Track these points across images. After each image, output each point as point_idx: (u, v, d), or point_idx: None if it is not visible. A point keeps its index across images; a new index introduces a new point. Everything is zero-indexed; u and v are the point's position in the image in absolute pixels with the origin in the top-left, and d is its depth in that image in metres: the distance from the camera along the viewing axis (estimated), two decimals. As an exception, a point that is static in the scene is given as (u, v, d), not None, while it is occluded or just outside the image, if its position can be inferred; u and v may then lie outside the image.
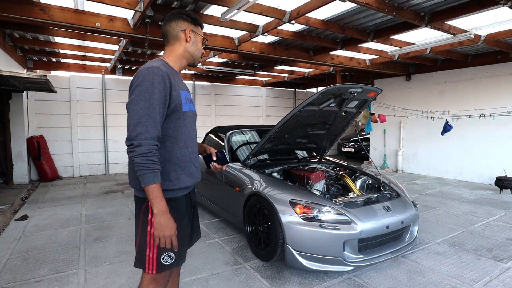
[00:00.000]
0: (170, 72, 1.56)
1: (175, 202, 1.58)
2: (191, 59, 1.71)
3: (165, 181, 1.55)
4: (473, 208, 5.07)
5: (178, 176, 1.58)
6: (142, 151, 1.40)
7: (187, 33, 1.65)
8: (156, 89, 1.45)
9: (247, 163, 3.83)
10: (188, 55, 1.69)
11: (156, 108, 1.44)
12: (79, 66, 7.94)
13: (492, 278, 2.82)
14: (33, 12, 3.81)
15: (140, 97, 1.44)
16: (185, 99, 1.61)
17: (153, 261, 1.55)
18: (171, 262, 1.57)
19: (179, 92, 1.56)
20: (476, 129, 7.15)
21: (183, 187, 1.60)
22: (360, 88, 3.26)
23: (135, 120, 1.42)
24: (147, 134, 1.41)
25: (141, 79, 1.46)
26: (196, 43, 1.69)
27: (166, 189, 1.55)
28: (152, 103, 1.43)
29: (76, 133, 8.17)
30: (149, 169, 1.41)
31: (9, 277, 2.84)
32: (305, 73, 9.05)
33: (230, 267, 3.04)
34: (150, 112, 1.43)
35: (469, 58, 6.98)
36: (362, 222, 2.77)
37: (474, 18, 4.52)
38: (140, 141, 1.40)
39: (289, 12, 4.10)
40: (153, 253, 1.55)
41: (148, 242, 1.55)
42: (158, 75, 1.47)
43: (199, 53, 1.72)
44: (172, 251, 1.57)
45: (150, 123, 1.42)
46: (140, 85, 1.45)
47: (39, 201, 5.57)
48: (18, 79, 5.22)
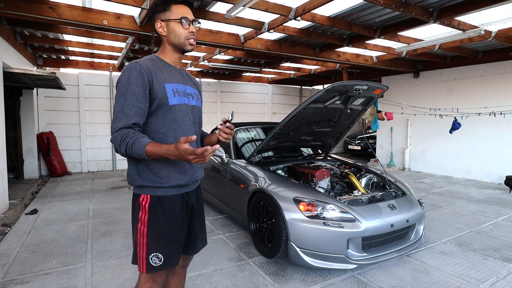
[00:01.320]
0: (156, 66, 1.52)
1: (166, 201, 1.52)
2: (178, 48, 1.60)
3: (155, 178, 1.49)
4: (481, 207, 5.00)
5: (168, 173, 1.51)
6: (118, 141, 1.37)
7: (157, 27, 1.57)
8: (132, 84, 1.42)
9: (251, 160, 3.84)
10: (173, 46, 1.60)
11: (131, 102, 1.41)
12: (87, 63, 8.04)
13: (499, 279, 2.78)
14: (42, 10, 3.87)
15: (118, 93, 1.45)
16: (173, 92, 1.53)
17: (143, 261, 1.51)
18: (159, 264, 1.51)
19: (163, 86, 1.50)
20: (486, 127, 7.04)
21: (175, 185, 1.53)
22: (365, 85, 3.23)
23: (113, 118, 1.43)
24: (119, 126, 1.39)
25: (120, 76, 1.47)
26: (173, 31, 1.55)
27: (156, 186, 1.50)
28: (127, 97, 1.41)
29: (84, 129, 8.29)
30: (133, 144, 1.35)
31: (19, 269, 2.92)
32: (311, 70, 9.00)
33: (234, 263, 3.06)
34: (124, 107, 1.41)
35: (479, 55, 6.85)
36: (367, 220, 2.76)
37: (484, 14, 4.43)
38: (115, 136, 1.39)
39: (294, 8, 4.07)
40: (143, 252, 1.51)
41: (138, 240, 1.52)
42: (134, 69, 1.44)
43: (180, 38, 1.55)
44: (161, 253, 1.51)
45: (123, 116, 1.40)
46: (119, 82, 1.46)
47: (49, 196, 5.68)
48: (29, 76, 5.33)
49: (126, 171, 1.60)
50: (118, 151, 1.40)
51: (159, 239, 1.52)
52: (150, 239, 1.51)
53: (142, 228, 1.50)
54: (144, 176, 1.50)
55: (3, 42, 4.91)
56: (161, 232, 1.52)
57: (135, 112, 1.41)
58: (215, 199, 4.41)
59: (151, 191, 1.51)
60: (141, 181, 1.50)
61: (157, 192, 1.51)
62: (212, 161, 4.36)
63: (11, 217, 4.44)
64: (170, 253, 1.55)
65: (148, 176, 1.50)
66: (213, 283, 2.70)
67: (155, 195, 1.51)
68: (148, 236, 1.50)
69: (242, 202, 3.57)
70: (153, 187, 1.50)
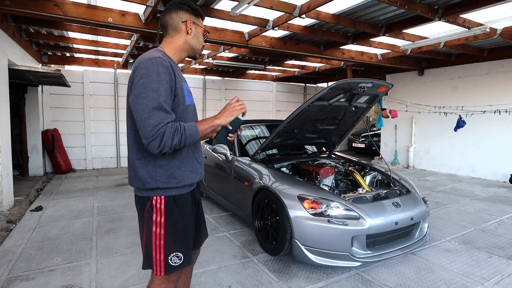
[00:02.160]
0: (172, 63, 1.50)
1: (181, 200, 1.53)
2: (191, 51, 1.62)
3: (170, 179, 1.48)
4: (486, 205, 4.97)
5: (182, 173, 1.51)
6: (171, 134, 1.33)
7: (188, 24, 1.56)
8: (164, 80, 1.36)
9: (256, 158, 3.85)
10: (189, 48, 1.60)
11: (167, 100, 1.37)
12: (92, 60, 8.07)
13: (504, 277, 2.77)
14: (47, 8, 3.88)
15: (148, 89, 1.33)
16: (188, 91, 1.56)
17: (160, 263, 1.49)
18: (179, 263, 1.52)
19: (181, 85, 1.50)
20: (491, 125, 6.99)
21: (188, 184, 1.54)
22: (370, 83, 3.22)
23: (147, 114, 1.31)
24: (165, 121, 1.33)
25: (144, 71, 1.36)
26: (197, 36, 1.61)
27: (172, 186, 1.49)
28: (162, 94, 1.34)
29: (89, 126, 8.32)
30: (185, 129, 1.38)
31: (24, 266, 2.94)
32: (316, 68, 8.97)
33: (238, 261, 3.07)
34: (161, 103, 1.33)
35: (485, 52, 6.80)
36: (371, 218, 2.76)
37: (490, 11, 4.39)
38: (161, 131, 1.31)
39: (299, 6, 4.06)
40: (160, 254, 1.49)
41: (154, 243, 1.49)
42: (162, 65, 1.38)
43: (200, 45, 1.63)
44: (181, 251, 1.52)
45: (163, 112, 1.33)
46: (144, 76, 1.35)
47: (53, 193, 5.71)
48: (34, 73, 5.35)
49: (128, 174, 1.55)
50: (168, 146, 1.33)
51: (178, 238, 1.52)
52: (168, 240, 1.49)
53: (158, 231, 1.47)
54: (158, 178, 1.46)
55: (9, 40, 4.93)
56: (179, 231, 1.52)
57: (171, 109, 1.40)
58: (219, 197, 4.42)
59: (165, 192, 1.49)
60: (156, 183, 1.46)
61: (171, 192, 1.50)
62: (217, 159, 4.37)
63: (16, 214, 4.48)
64: (188, 250, 1.56)
65: (162, 178, 1.47)
66: (217, 280, 2.72)
67: (169, 195, 1.49)
68: (166, 238, 1.49)
69: (246, 200, 3.58)
70: (168, 188, 1.48)
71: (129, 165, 1.53)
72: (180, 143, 1.37)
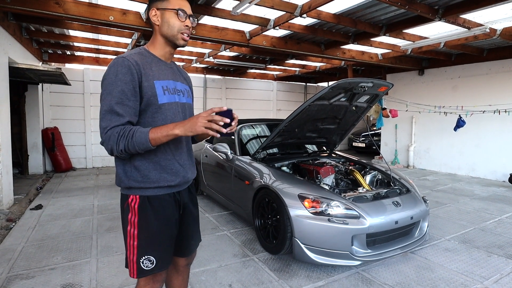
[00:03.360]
0: (145, 62, 1.43)
1: (156, 201, 1.45)
2: (169, 41, 1.49)
3: (144, 179, 1.42)
4: (485, 205, 4.99)
5: (158, 174, 1.44)
6: (115, 138, 1.29)
7: (151, 16, 1.46)
8: (120, 81, 1.32)
9: (256, 157, 3.85)
10: (164, 38, 1.48)
11: (121, 100, 1.32)
12: (92, 59, 8.06)
13: (503, 276, 2.79)
14: (48, 6, 3.88)
15: (105, 91, 1.34)
16: (162, 89, 1.44)
17: (133, 265, 1.44)
18: (151, 267, 1.44)
19: (152, 83, 1.41)
20: (490, 125, 7.00)
21: (165, 185, 1.46)
22: (370, 83, 3.22)
23: (101, 116, 1.33)
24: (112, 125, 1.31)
25: (106, 72, 1.35)
26: (167, 21, 1.44)
27: (146, 186, 1.43)
28: (115, 95, 1.32)
29: (89, 125, 8.32)
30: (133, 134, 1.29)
31: (24, 264, 2.94)
32: (317, 67, 8.98)
33: (238, 259, 3.08)
34: (114, 106, 1.31)
35: (484, 53, 6.81)
36: (371, 217, 2.77)
37: (489, 12, 4.40)
38: (108, 135, 1.30)
39: (300, 5, 4.06)
40: (133, 255, 1.43)
41: (128, 243, 1.44)
42: (122, 65, 1.34)
43: (173, 29, 1.45)
44: (153, 255, 1.44)
45: (114, 116, 1.31)
46: (105, 78, 1.35)
47: (53, 191, 5.72)
48: (34, 71, 5.35)
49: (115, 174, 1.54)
50: (114, 150, 1.30)
51: (150, 241, 1.45)
52: (141, 242, 1.43)
53: (132, 231, 1.43)
54: (131, 177, 1.42)
55: (9, 37, 4.93)
56: (152, 234, 1.45)
57: (126, 112, 1.33)
58: (219, 196, 4.43)
59: (140, 192, 1.43)
60: (128, 182, 1.43)
61: (146, 192, 1.44)
62: (217, 157, 4.37)
63: (16, 212, 4.48)
64: (163, 254, 1.48)
65: (136, 177, 1.42)
66: (217, 279, 2.72)
67: (144, 195, 1.43)
68: (139, 239, 1.43)
69: (247, 199, 3.58)
70: (142, 188, 1.43)
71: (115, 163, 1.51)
72: (128, 148, 1.29)
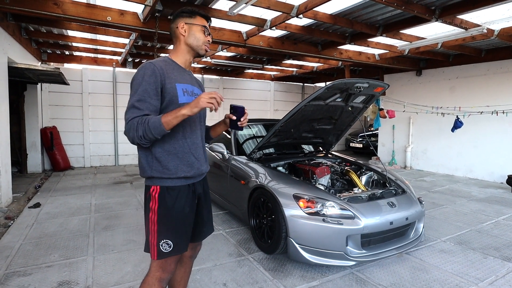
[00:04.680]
0: (168, 67, 1.65)
1: (174, 191, 1.63)
2: (192, 51, 1.75)
3: (164, 170, 1.61)
4: (482, 206, 5.00)
5: (176, 166, 1.63)
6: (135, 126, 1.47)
7: (180, 28, 1.71)
8: (145, 82, 1.53)
9: (252, 157, 3.86)
10: (189, 48, 1.74)
11: (143, 98, 1.52)
12: (91, 59, 8.07)
13: (498, 277, 2.79)
14: (47, 6, 3.90)
15: (132, 91, 1.55)
16: (182, 91, 1.66)
17: (154, 247, 1.62)
18: (169, 250, 1.62)
19: (174, 85, 1.62)
20: (488, 126, 7.01)
21: (181, 176, 1.64)
22: (366, 83, 3.23)
23: (125, 111, 1.54)
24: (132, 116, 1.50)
25: (135, 75, 1.58)
26: (194, 34, 1.72)
27: (165, 177, 1.61)
28: (138, 94, 1.52)
29: (87, 124, 8.34)
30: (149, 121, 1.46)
31: (22, 262, 2.96)
32: (314, 68, 9.00)
33: (233, 259, 3.09)
34: (136, 102, 1.51)
35: (482, 53, 6.82)
36: (366, 217, 2.78)
37: (487, 12, 4.41)
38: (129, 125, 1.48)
39: (297, 6, 4.08)
40: (154, 239, 1.62)
41: (150, 228, 1.63)
42: (148, 69, 1.56)
43: (199, 41, 1.73)
44: (170, 239, 1.62)
45: (135, 110, 1.51)
46: (134, 80, 1.57)
47: (52, 190, 5.73)
48: (33, 71, 5.36)
49: (138, 164, 1.71)
50: (135, 137, 1.48)
51: (168, 227, 1.62)
52: (160, 227, 1.61)
53: (153, 217, 1.62)
54: (153, 168, 1.61)
55: (8, 38, 4.94)
56: (170, 220, 1.63)
57: (146, 107, 1.52)
58: (216, 195, 4.44)
59: (160, 182, 1.62)
60: (151, 172, 1.61)
61: (166, 183, 1.62)
62: (213, 157, 4.39)
63: (15, 210, 4.50)
64: (179, 239, 1.66)
65: (157, 168, 1.61)
66: (212, 277, 2.74)
67: (164, 185, 1.62)
68: (158, 224, 1.61)
69: (242, 198, 3.60)
70: (162, 178, 1.61)
71: (139, 155, 1.68)
72: (146, 134, 1.46)
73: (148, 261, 3.01)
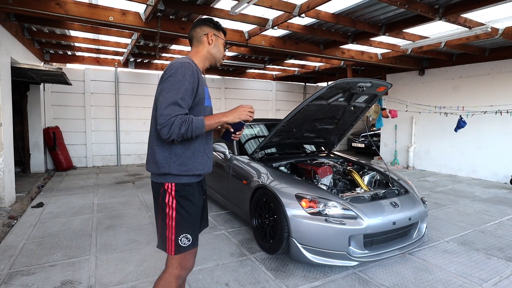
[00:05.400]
0: (198, 70, 1.73)
1: (190, 187, 1.70)
2: (213, 60, 1.87)
3: (181, 167, 1.66)
4: (486, 206, 4.97)
5: (192, 163, 1.69)
6: (179, 123, 1.52)
7: (209, 36, 1.82)
8: (186, 81, 1.59)
9: (254, 157, 3.86)
10: (211, 57, 1.85)
11: (185, 97, 1.58)
12: (93, 59, 8.10)
13: (503, 278, 2.77)
14: (49, 7, 3.91)
15: (172, 86, 1.57)
16: (208, 95, 1.79)
17: (172, 243, 1.65)
18: (188, 244, 1.66)
19: (203, 88, 1.73)
20: (492, 125, 6.97)
21: (196, 174, 1.71)
22: (369, 83, 3.22)
23: (165, 105, 1.55)
24: (176, 113, 1.54)
25: (173, 71, 1.60)
26: (218, 46, 1.86)
27: (181, 174, 1.66)
28: (181, 92, 1.57)
29: (89, 124, 8.37)
30: (192, 121, 1.55)
31: (25, 261, 2.97)
32: (316, 67, 8.97)
33: (235, 259, 3.09)
34: (177, 99, 1.56)
35: (486, 52, 6.77)
36: (368, 217, 2.77)
37: (491, 11, 4.38)
38: (171, 121, 1.52)
39: (299, 5, 4.06)
40: (172, 234, 1.65)
41: (168, 224, 1.66)
42: (189, 69, 1.62)
43: (221, 54, 1.88)
44: (189, 233, 1.67)
45: (177, 107, 1.55)
46: (172, 76, 1.59)
47: (54, 190, 5.75)
48: (36, 71, 5.39)
49: (147, 158, 1.75)
50: (175, 133, 1.52)
51: (187, 221, 1.67)
52: (180, 222, 1.65)
53: (170, 212, 1.65)
54: (171, 164, 1.65)
55: (11, 38, 4.96)
56: (190, 215, 1.68)
57: (186, 105, 1.60)
58: (217, 195, 4.44)
59: (176, 179, 1.66)
60: (169, 168, 1.64)
61: (182, 180, 1.67)
62: (215, 157, 4.38)
63: (18, 210, 4.51)
64: (196, 233, 1.73)
65: (175, 165, 1.65)
66: (214, 277, 2.73)
67: (180, 182, 1.66)
68: (177, 220, 1.65)
69: (244, 198, 3.59)
70: (179, 175, 1.66)
71: (149, 151, 1.72)
72: (187, 133, 1.55)
73: (150, 260, 3.02)
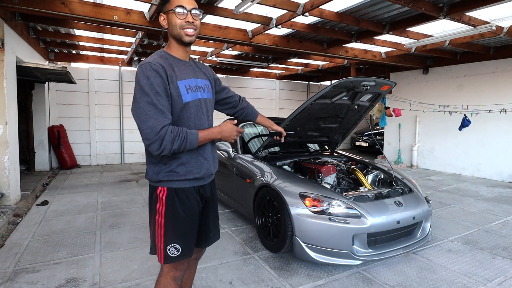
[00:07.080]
0: (168, 63, 1.51)
1: (182, 193, 1.56)
2: (178, 41, 1.57)
3: (171, 173, 1.53)
4: (490, 206, 4.94)
5: (184, 168, 1.55)
6: (171, 138, 1.40)
7: (161, 21, 1.58)
8: (153, 84, 1.41)
9: (258, 155, 3.86)
10: (174, 39, 1.57)
11: (159, 100, 1.42)
12: (97, 58, 8.13)
13: (507, 278, 2.75)
14: (54, 6, 3.93)
15: (142, 93, 1.41)
16: (185, 89, 1.53)
17: (161, 252, 1.54)
18: (177, 255, 1.54)
19: (176, 84, 1.50)
20: (496, 124, 6.92)
21: (190, 178, 1.57)
22: (373, 81, 3.21)
23: (143, 117, 1.39)
24: (160, 124, 1.39)
25: (137, 78, 1.44)
26: (171, 22, 1.52)
27: (173, 179, 1.54)
28: (153, 96, 1.40)
29: (94, 123, 8.41)
30: (186, 136, 1.45)
31: (30, 259, 3.00)
32: (319, 66, 8.95)
33: (239, 257, 3.10)
34: (155, 105, 1.40)
35: (491, 51, 6.72)
36: (372, 216, 2.76)
37: (496, 9, 4.34)
38: (161, 135, 1.39)
39: (302, 4, 4.05)
40: (161, 243, 1.54)
41: (156, 231, 1.55)
42: (150, 70, 1.43)
43: (176, 27, 1.52)
44: (179, 244, 1.54)
45: (160, 114, 1.40)
46: (138, 83, 1.44)
47: (59, 188, 5.79)
48: (41, 70, 5.42)
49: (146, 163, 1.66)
50: (167, 149, 1.40)
51: (176, 230, 1.55)
52: (168, 231, 1.53)
53: (159, 220, 1.54)
54: (161, 173, 1.54)
55: (17, 37, 4.99)
56: (178, 224, 1.55)
57: (166, 109, 1.44)
58: (221, 194, 4.45)
59: (168, 184, 1.54)
60: (158, 177, 1.55)
61: (173, 185, 1.54)
62: (219, 156, 4.39)
63: (23, 208, 4.55)
64: (187, 243, 1.58)
65: (164, 173, 1.54)
66: (218, 276, 2.74)
67: (171, 187, 1.54)
68: (165, 227, 1.53)
69: (248, 197, 3.60)
70: (170, 180, 1.53)
71: (146, 154, 1.63)
72: (179, 149, 1.44)
73: (154, 258, 3.02)
